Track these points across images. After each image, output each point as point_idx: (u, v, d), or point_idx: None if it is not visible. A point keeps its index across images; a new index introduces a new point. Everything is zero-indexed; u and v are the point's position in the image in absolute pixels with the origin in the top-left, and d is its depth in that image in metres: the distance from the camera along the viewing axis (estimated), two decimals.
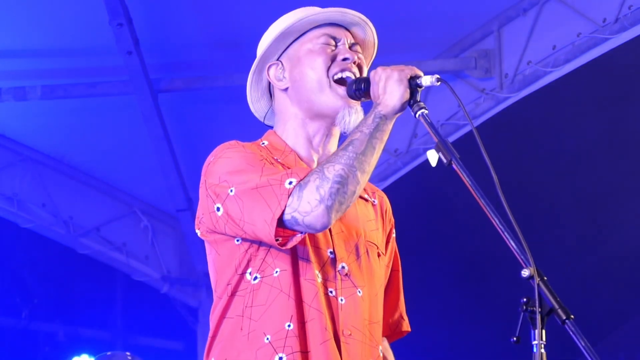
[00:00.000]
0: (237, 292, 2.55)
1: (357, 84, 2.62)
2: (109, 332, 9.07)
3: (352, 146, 2.46)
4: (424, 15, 6.31)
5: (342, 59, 2.66)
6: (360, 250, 2.61)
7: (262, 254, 2.53)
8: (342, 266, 2.56)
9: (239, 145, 2.61)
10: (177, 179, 7.05)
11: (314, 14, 2.69)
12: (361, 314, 2.55)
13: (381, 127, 2.50)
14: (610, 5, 5.96)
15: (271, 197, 2.42)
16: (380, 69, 2.55)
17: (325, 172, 2.42)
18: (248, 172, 2.50)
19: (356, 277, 2.57)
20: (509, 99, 6.53)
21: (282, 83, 2.71)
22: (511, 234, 2.26)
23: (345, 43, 2.70)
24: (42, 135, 7.25)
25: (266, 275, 2.52)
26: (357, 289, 2.56)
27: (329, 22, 2.71)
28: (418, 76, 2.53)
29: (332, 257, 2.55)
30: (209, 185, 2.55)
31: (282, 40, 2.70)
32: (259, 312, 2.50)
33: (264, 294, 2.50)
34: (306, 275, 2.50)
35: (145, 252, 7.92)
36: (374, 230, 2.70)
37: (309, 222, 2.40)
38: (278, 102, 2.75)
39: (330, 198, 2.39)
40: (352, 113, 2.62)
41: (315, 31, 2.70)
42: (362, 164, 2.45)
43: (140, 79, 6.35)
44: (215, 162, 2.58)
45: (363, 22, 2.74)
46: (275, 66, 2.72)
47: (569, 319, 2.16)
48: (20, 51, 6.45)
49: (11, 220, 7.37)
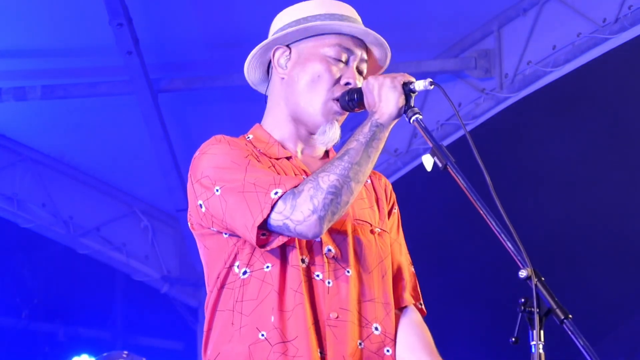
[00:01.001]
0: (226, 284, 2.56)
1: (349, 94, 2.63)
2: (109, 332, 9.07)
3: (348, 156, 2.47)
4: (424, 15, 6.31)
5: (344, 83, 2.66)
6: (347, 229, 2.60)
7: (249, 248, 2.54)
8: (327, 249, 2.56)
9: (224, 140, 2.62)
10: (177, 179, 7.05)
11: (340, 24, 2.68)
12: (350, 293, 2.54)
13: (378, 135, 2.51)
14: (610, 5, 5.96)
15: (254, 204, 2.43)
16: (371, 78, 2.56)
17: (320, 182, 2.43)
18: (233, 171, 2.51)
19: (344, 258, 2.57)
20: (509, 99, 6.53)
21: (282, 71, 2.71)
22: (507, 235, 2.27)
23: (356, 59, 2.69)
24: (42, 135, 7.25)
25: (256, 269, 2.52)
26: (346, 270, 2.56)
27: (350, 34, 2.70)
28: (411, 82, 2.54)
29: (317, 240, 2.55)
30: (194, 181, 2.58)
31: (300, 30, 2.70)
32: (249, 307, 2.51)
33: (254, 288, 2.51)
34: (292, 262, 2.51)
35: (145, 252, 7.93)
36: (365, 208, 2.69)
37: (300, 230, 2.41)
38: (272, 86, 2.75)
39: (323, 209, 2.41)
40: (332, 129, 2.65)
41: (333, 38, 2.69)
42: (357, 174, 2.46)
43: (140, 79, 6.36)
44: (200, 157, 2.59)
45: (382, 45, 2.73)
46: (282, 51, 2.72)
47: (567, 318, 2.16)
48: (20, 51, 6.45)
49: (11, 220, 7.38)
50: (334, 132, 2.65)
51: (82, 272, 8.37)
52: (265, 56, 2.75)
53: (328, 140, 2.66)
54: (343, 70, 2.67)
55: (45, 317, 8.76)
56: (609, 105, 7.19)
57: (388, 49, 2.75)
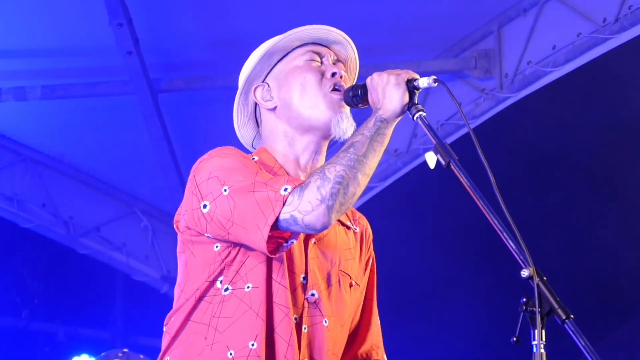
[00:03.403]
0: (204, 297, 2.53)
1: (353, 90, 2.64)
2: (109, 332, 9.07)
3: (353, 148, 2.47)
4: (423, 15, 6.31)
5: (331, 74, 2.67)
6: (332, 279, 2.60)
7: (236, 266, 2.51)
8: (312, 293, 2.55)
9: (234, 149, 2.61)
10: (177, 179, 7.05)
11: (298, 31, 2.70)
12: (325, 344, 2.54)
13: (382, 130, 2.51)
14: (610, 5, 5.96)
15: (265, 202, 2.41)
16: (375, 74, 2.57)
17: (326, 172, 2.42)
18: (243, 172, 2.49)
19: (324, 306, 2.56)
20: (509, 99, 6.52)
21: (269, 103, 2.71)
22: (510, 234, 2.26)
23: (329, 60, 2.71)
24: (42, 135, 7.25)
25: (237, 288, 2.50)
26: (324, 318, 2.55)
27: (312, 41, 2.72)
28: (415, 79, 2.54)
29: (304, 282, 2.54)
30: (198, 182, 2.54)
31: (266, 61, 2.71)
32: (224, 325, 2.49)
33: (232, 306, 2.49)
34: (278, 299, 2.49)
35: (145, 252, 7.92)
36: (350, 259, 2.69)
37: (308, 221, 2.39)
38: (266, 122, 2.74)
39: (331, 198, 2.39)
40: (344, 118, 2.64)
41: (299, 50, 2.71)
42: (363, 165, 2.46)
43: (140, 79, 6.35)
44: (208, 160, 2.57)
45: (345, 40, 2.75)
46: (261, 87, 2.73)
47: (568, 318, 2.16)
48: (20, 51, 6.45)
49: (11, 220, 7.37)
50: (347, 121, 2.64)
51: (82, 272, 8.37)
52: (248, 107, 2.77)
53: (345, 131, 2.62)
54: (323, 67, 2.70)
55: (45, 317, 8.77)
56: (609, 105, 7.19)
57: (351, 43, 2.76)
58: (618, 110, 7.20)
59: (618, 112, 7.22)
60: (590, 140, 7.36)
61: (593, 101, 7.16)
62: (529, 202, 7.51)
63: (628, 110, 7.22)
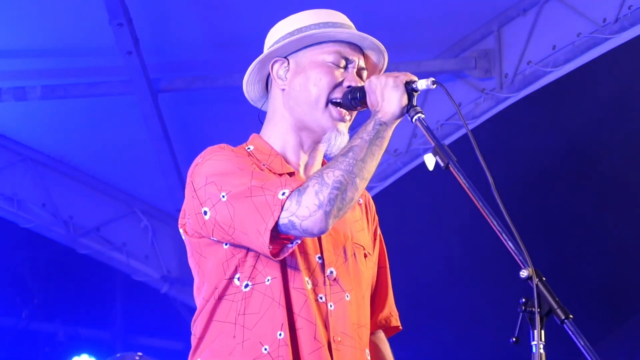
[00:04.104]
0: (225, 296, 2.54)
1: (352, 93, 2.63)
2: (109, 332, 9.07)
3: (352, 152, 2.47)
4: (423, 15, 6.31)
5: (347, 86, 2.65)
6: (347, 252, 2.62)
7: (251, 260, 2.52)
8: (330, 271, 2.57)
9: (227, 148, 2.61)
10: (177, 179, 7.05)
11: (336, 31, 2.68)
12: (350, 318, 2.56)
13: (381, 134, 2.51)
14: (610, 5, 5.96)
15: (264, 207, 2.42)
16: (374, 77, 2.56)
17: (325, 177, 2.43)
18: (239, 176, 2.49)
19: (344, 281, 2.58)
20: (508, 99, 6.53)
21: (282, 82, 2.70)
22: (508, 235, 2.26)
23: (355, 66, 2.69)
24: (42, 135, 7.25)
25: (257, 282, 2.51)
26: (345, 293, 2.57)
27: (347, 40, 2.70)
28: (413, 81, 2.54)
29: (320, 262, 2.56)
30: (196, 187, 2.55)
31: (298, 41, 2.69)
32: (252, 321, 2.50)
33: (257, 302, 2.51)
34: (295, 283, 2.51)
35: (145, 252, 7.92)
36: (360, 230, 2.71)
37: (306, 226, 2.40)
38: (272, 98, 2.74)
39: (329, 204, 2.40)
40: (339, 137, 2.63)
41: (331, 45, 2.69)
42: (362, 170, 2.46)
43: (140, 79, 6.35)
44: (203, 163, 2.57)
45: (379, 49, 2.73)
46: (280, 62, 2.71)
47: (568, 318, 2.16)
48: (20, 51, 6.45)
49: (11, 220, 7.37)
50: (341, 140, 2.64)
51: (82, 272, 8.37)
52: (263, 71, 2.74)
53: (338, 148, 2.62)
54: (344, 75, 2.67)
55: (45, 317, 8.77)
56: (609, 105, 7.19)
57: (385, 52, 2.74)
58: (618, 110, 7.20)
59: (618, 112, 7.22)
60: (590, 141, 7.36)
61: (593, 101, 7.15)
62: (529, 202, 7.50)
63: (628, 110, 7.22)
